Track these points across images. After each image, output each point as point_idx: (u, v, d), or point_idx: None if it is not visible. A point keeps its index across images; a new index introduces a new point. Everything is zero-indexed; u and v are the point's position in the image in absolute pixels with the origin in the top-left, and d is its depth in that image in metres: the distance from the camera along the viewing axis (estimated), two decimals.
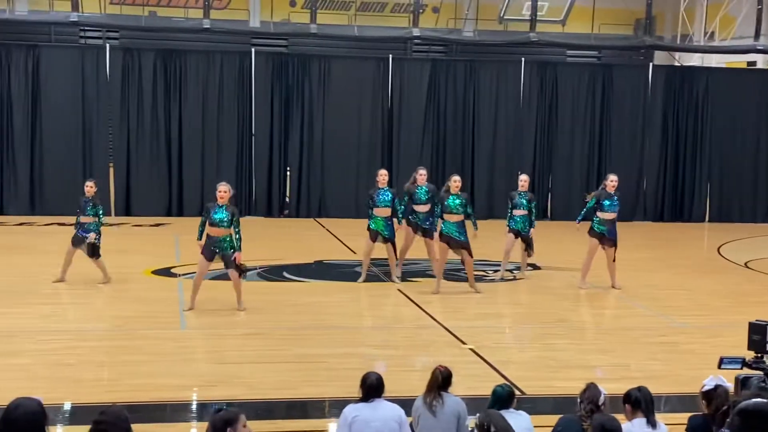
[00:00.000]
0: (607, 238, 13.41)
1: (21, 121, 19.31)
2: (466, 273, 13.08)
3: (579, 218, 13.75)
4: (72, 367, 9.03)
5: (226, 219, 11.35)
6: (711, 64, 24.15)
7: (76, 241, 12.78)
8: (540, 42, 21.53)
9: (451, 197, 12.64)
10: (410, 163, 20.72)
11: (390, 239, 13.38)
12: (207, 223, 11.41)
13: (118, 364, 9.31)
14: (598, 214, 13.45)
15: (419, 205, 13.51)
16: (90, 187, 13.02)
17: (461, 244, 12.61)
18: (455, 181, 12.80)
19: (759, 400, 3.48)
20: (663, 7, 24.72)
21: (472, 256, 12.76)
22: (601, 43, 24.87)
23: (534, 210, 14.17)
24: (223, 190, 11.51)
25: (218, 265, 12.07)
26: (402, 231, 13.63)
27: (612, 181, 13.68)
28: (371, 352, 9.94)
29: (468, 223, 12.82)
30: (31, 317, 11.02)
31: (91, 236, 12.67)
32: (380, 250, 13.68)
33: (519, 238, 14.03)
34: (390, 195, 13.42)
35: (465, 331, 10.88)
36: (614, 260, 13.52)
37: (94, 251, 12.75)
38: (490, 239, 14.87)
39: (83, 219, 12.81)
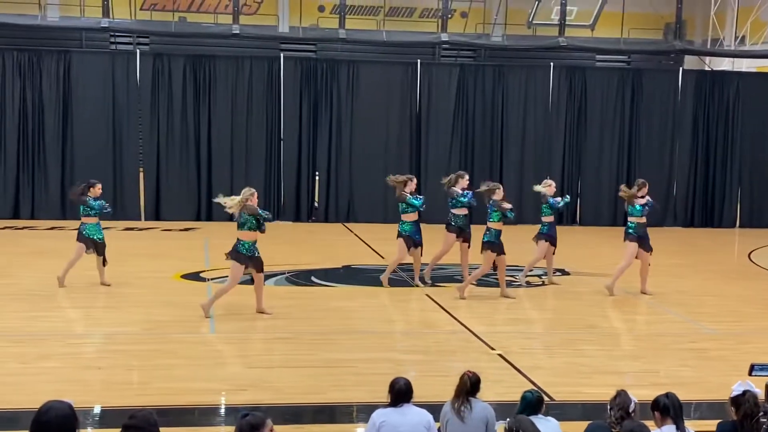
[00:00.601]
0: (645, 242, 13.33)
1: (52, 126, 19.53)
2: (497, 278, 13.11)
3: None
4: (102, 371, 9.09)
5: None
6: (741, 68, 23.93)
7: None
8: (569, 47, 21.45)
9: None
10: (438, 169, 20.75)
11: (419, 244, 13.40)
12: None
13: (147, 367, 9.36)
14: (633, 218, 13.36)
15: (460, 209, 13.52)
16: (98, 189, 13.08)
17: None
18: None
19: None
20: (693, 11, 24.52)
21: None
22: (630, 48, 24.70)
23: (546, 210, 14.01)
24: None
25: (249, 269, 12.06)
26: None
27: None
28: (399, 357, 9.93)
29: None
30: (62, 321, 11.13)
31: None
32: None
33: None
34: (418, 201, 13.40)
35: (493, 336, 10.85)
36: (649, 265, 13.44)
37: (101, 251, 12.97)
38: (519, 244, 14.79)
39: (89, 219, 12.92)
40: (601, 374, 9.43)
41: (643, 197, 13.47)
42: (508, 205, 12.72)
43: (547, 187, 13.95)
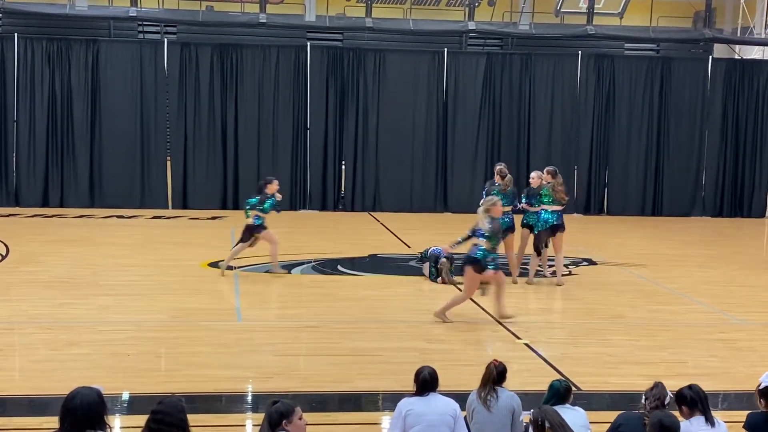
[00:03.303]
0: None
1: (81, 114, 19.67)
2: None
3: None
4: (131, 358, 9.18)
5: None
6: None
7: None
8: (597, 35, 21.28)
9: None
10: (465, 158, 20.74)
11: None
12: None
13: (176, 355, 9.44)
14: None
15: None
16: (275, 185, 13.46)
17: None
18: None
19: None
20: None
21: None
22: (659, 36, 24.47)
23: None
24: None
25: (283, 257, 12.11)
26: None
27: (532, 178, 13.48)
28: (426, 347, 9.93)
29: None
30: (92, 308, 11.23)
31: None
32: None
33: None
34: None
35: (520, 326, 10.83)
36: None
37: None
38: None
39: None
40: (628, 364, 9.39)
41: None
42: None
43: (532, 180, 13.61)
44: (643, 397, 5.87)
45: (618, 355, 9.81)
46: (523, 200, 13.42)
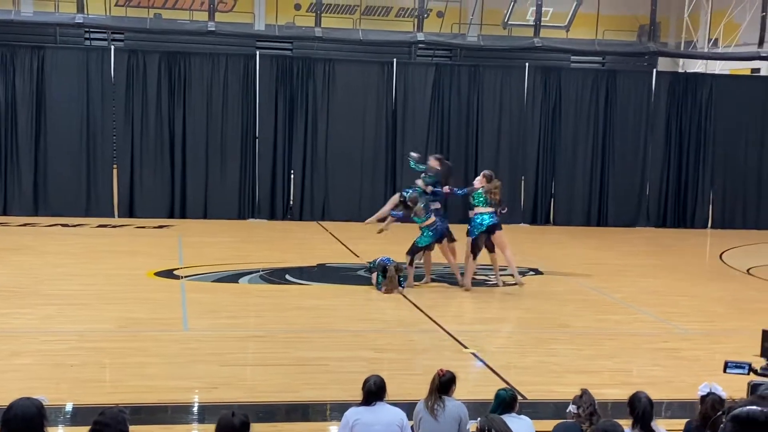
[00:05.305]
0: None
1: (25, 121, 19.35)
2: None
3: None
4: (75, 368, 9.04)
5: None
6: (715, 70, 24.16)
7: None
8: (544, 47, 21.57)
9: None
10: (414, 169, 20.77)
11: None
12: None
13: (120, 365, 9.33)
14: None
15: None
16: None
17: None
18: None
19: (753, 407, 3.49)
20: (667, 13, 24.74)
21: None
22: (604, 49, 24.90)
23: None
24: None
25: (223, 267, 12.02)
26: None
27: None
28: (373, 356, 9.95)
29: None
30: (35, 318, 11.05)
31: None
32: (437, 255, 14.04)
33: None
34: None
35: (467, 335, 10.90)
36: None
37: None
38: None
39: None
40: (573, 373, 9.49)
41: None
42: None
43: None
44: (573, 406, 5.90)
45: (563, 364, 9.91)
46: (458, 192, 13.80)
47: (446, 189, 13.75)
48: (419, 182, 13.95)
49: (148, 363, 9.33)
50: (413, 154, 14.72)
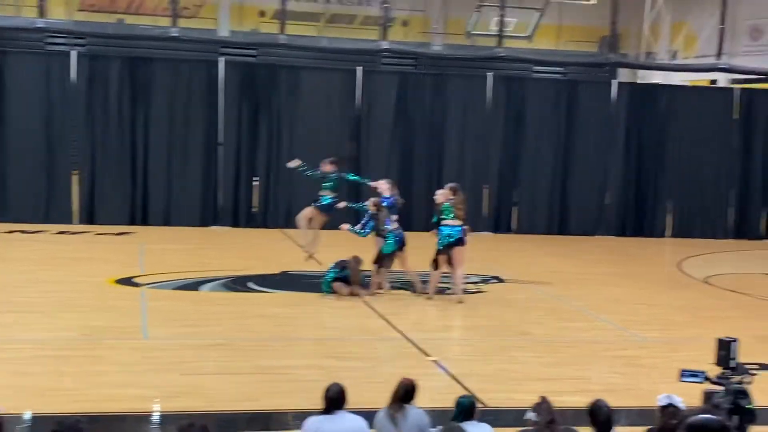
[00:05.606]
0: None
1: None
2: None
3: None
4: (34, 377, 8.94)
5: None
6: (674, 81, 24.49)
7: None
8: (507, 57, 21.73)
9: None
10: (378, 175, 20.78)
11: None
12: None
13: (80, 374, 9.23)
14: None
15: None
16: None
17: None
18: None
19: (707, 416, 3.56)
20: (628, 24, 25.03)
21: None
22: (566, 60, 25.15)
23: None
24: None
25: (184, 274, 11.93)
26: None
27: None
28: (335, 364, 9.94)
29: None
30: None
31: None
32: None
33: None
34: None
35: (429, 343, 10.93)
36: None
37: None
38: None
39: None
40: (533, 381, 9.56)
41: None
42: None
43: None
44: (533, 413, 5.92)
45: (524, 372, 9.99)
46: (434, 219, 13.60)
47: (372, 204, 13.77)
48: (369, 203, 13.86)
49: (107, 372, 9.25)
50: (291, 164, 14.69)
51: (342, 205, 14.18)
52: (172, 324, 11.43)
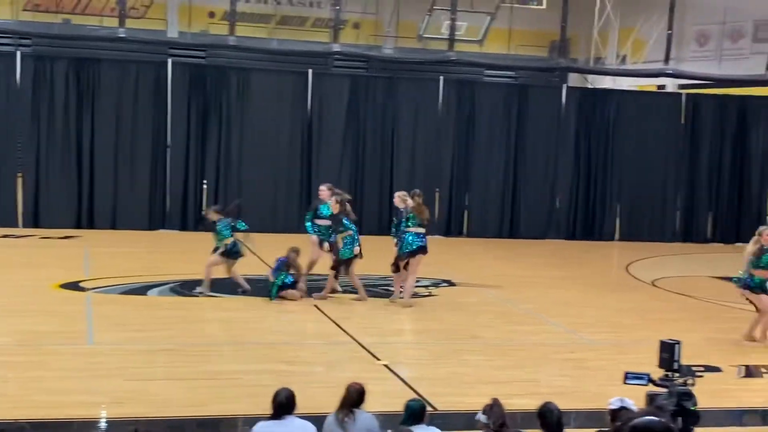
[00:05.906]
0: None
1: None
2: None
3: None
4: None
5: None
6: (623, 86, 24.77)
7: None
8: (458, 61, 21.79)
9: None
10: (329, 178, 20.71)
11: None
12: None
13: (23, 379, 9.03)
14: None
15: (322, 220, 13.82)
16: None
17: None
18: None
19: (651, 417, 3.57)
20: (577, 30, 25.25)
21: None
22: (517, 64, 25.30)
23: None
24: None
25: (132, 279, 11.75)
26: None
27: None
28: (284, 368, 9.85)
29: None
30: None
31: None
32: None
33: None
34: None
35: (380, 347, 10.89)
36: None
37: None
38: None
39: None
40: (483, 384, 9.56)
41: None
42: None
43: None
44: (483, 415, 5.90)
45: (474, 375, 9.99)
46: (402, 225, 13.41)
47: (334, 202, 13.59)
48: (331, 201, 13.67)
49: (51, 377, 9.06)
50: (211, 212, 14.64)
51: (326, 247, 13.76)
52: (119, 329, 11.25)
